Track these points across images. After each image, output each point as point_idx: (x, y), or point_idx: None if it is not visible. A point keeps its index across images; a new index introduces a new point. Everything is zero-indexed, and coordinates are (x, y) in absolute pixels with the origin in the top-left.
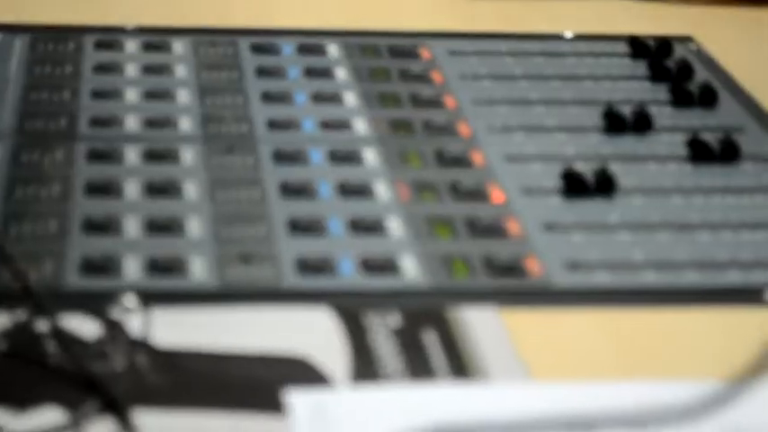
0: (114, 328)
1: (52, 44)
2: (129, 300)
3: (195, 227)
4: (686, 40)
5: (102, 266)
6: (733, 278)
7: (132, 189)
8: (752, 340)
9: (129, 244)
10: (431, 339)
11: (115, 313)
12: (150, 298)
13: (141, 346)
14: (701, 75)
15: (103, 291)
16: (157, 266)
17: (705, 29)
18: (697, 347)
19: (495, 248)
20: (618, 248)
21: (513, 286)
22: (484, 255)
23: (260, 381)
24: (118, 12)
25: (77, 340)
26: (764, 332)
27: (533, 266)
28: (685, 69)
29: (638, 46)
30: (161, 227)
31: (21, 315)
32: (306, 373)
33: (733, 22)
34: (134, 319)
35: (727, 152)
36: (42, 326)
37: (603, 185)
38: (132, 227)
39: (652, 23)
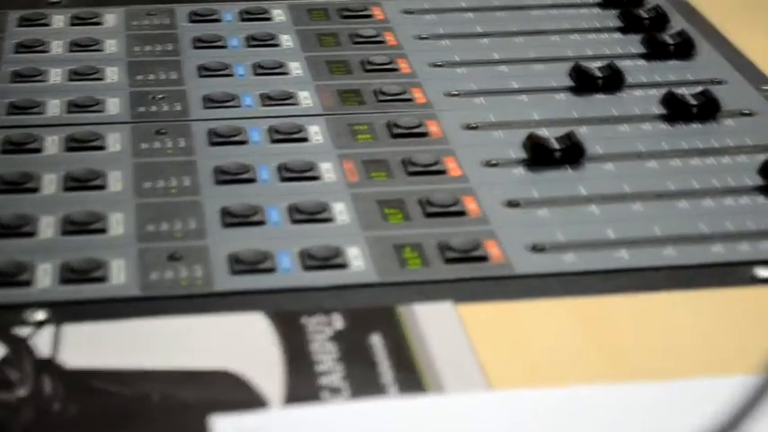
0: (18, 349)
1: None
2: (37, 313)
3: (117, 224)
4: None
5: (8, 274)
6: (717, 253)
7: (50, 183)
8: (743, 325)
9: (40, 247)
10: (378, 343)
11: (20, 330)
12: (62, 310)
13: (49, 367)
14: (676, 23)
15: (7, 303)
16: (72, 271)
17: None
18: (680, 337)
19: (451, 232)
20: (588, 225)
21: (472, 275)
22: (438, 240)
23: (184, 404)
24: None
25: None
26: (758, 316)
27: (494, 251)
28: (659, 18)
29: None
30: (78, 225)
31: None
32: (236, 392)
33: None
34: (42, 337)
35: (706, 108)
36: None
37: (571, 153)
38: (46, 227)
39: None
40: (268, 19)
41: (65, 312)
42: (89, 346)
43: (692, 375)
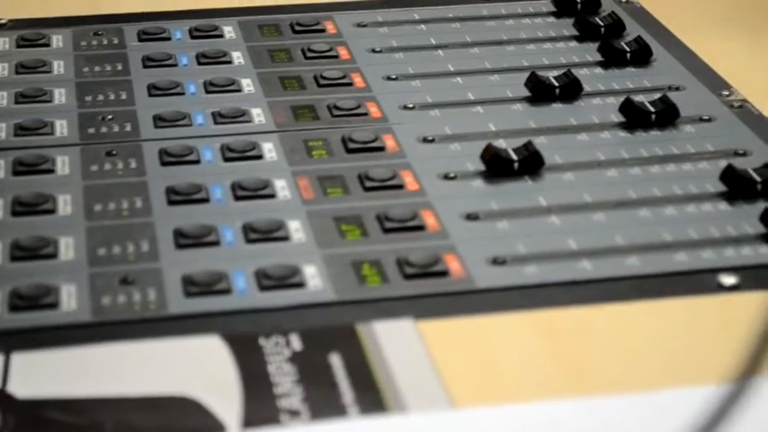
0: None
1: None
2: None
3: (68, 247)
4: None
5: None
6: (681, 261)
7: None
8: (710, 334)
9: None
10: (337, 363)
11: None
12: (12, 339)
13: None
14: (632, 30)
15: None
16: (21, 298)
17: None
18: (647, 347)
19: (410, 247)
20: (549, 236)
21: (432, 291)
22: (397, 256)
23: (140, 431)
24: None
25: None
26: (724, 324)
27: (454, 265)
28: (615, 25)
29: (562, 2)
30: (27, 250)
31: None
32: (193, 417)
33: None
34: None
35: (664, 115)
36: None
37: (529, 164)
38: None
39: None
40: (219, 36)
41: (15, 341)
42: (40, 375)
43: (661, 386)
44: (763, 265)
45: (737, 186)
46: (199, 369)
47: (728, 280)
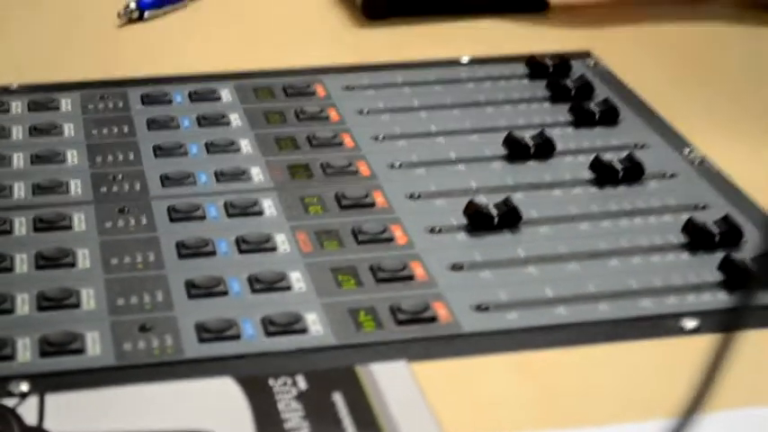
0: (7, 418)
1: None
2: (21, 385)
3: (89, 298)
4: (584, 55)
5: None
6: (647, 307)
7: (22, 262)
8: (674, 373)
9: (18, 323)
10: (340, 401)
11: (6, 401)
12: (43, 381)
13: None
14: (600, 92)
15: None
16: (50, 345)
17: (602, 44)
18: (616, 386)
19: (401, 295)
20: (527, 285)
21: (422, 335)
22: (390, 304)
23: None
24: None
25: None
26: (686, 364)
27: (442, 312)
28: (585, 88)
29: (535, 66)
30: (53, 300)
31: None
32: None
33: (629, 35)
34: (27, 406)
35: (631, 172)
36: None
37: (508, 219)
38: (22, 304)
39: (549, 41)
40: (217, 99)
41: (46, 383)
42: (72, 414)
43: (628, 419)
44: (721, 309)
45: (698, 238)
46: (214, 407)
47: (690, 324)
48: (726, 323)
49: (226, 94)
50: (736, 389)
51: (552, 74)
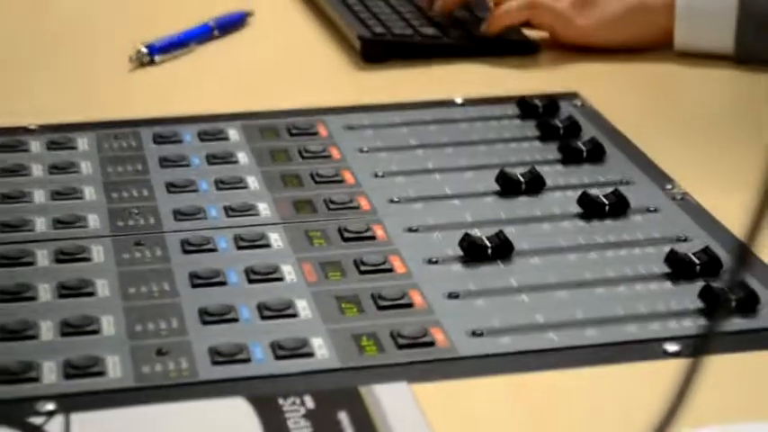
0: None
1: None
2: (47, 405)
3: (109, 325)
4: (572, 96)
5: (19, 372)
6: (632, 332)
7: (45, 291)
8: (657, 394)
9: (44, 348)
10: (345, 420)
11: (34, 420)
12: (68, 401)
13: None
14: (587, 131)
15: (20, 397)
16: (74, 368)
17: (589, 84)
18: (603, 406)
19: (401, 322)
20: (519, 312)
21: (422, 358)
22: (390, 329)
23: None
24: (19, 111)
25: None
26: (669, 385)
27: (440, 337)
28: (572, 127)
29: (525, 107)
30: (75, 327)
31: None
32: None
33: (614, 76)
34: (53, 425)
35: (616, 207)
36: None
37: (501, 250)
38: (47, 330)
39: (538, 82)
40: (225, 138)
41: (72, 403)
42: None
43: None
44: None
45: (679, 268)
46: (228, 425)
47: (672, 348)
48: (695, 348)
49: (233, 133)
50: (705, 408)
51: (542, 114)
